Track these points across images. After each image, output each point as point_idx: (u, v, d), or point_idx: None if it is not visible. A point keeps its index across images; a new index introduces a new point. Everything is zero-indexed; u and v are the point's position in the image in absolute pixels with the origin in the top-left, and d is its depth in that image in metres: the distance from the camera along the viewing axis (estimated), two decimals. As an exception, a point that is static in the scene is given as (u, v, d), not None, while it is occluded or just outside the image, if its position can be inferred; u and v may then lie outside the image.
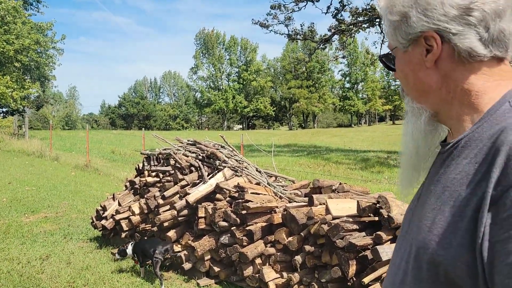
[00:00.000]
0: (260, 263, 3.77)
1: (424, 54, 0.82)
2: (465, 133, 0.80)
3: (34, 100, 34.82)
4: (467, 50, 0.78)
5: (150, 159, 5.65)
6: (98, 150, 19.55)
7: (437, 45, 0.80)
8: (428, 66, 0.82)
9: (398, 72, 0.90)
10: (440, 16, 0.78)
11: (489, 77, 0.80)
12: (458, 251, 0.70)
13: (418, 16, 0.80)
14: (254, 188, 4.27)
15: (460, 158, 0.77)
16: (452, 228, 0.72)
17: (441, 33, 0.79)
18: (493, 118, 0.76)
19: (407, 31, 0.83)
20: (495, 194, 0.66)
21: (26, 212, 7.46)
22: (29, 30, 23.95)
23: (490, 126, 0.75)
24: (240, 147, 9.88)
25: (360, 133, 41.75)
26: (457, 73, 0.81)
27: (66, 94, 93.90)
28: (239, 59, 75.75)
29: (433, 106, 0.86)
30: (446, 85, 0.82)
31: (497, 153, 0.69)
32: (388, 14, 0.86)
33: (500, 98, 0.78)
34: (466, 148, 0.77)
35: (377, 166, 13.72)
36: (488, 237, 0.66)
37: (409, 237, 0.85)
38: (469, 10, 0.77)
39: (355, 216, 3.29)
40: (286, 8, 19.37)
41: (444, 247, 0.72)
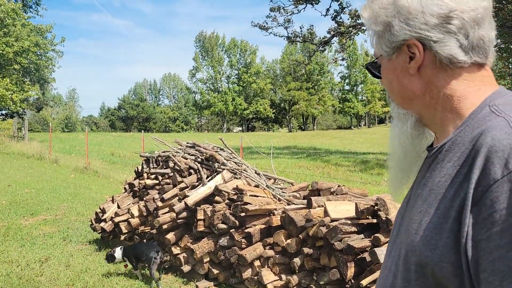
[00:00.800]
0: (259, 265, 3.78)
1: (407, 61, 0.85)
2: (448, 137, 0.82)
3: (33, 102, 34.81)
4: (447, 57, 0.81)
5: (149, 162, 5.66)
6: (98, 152, 19.55)
7: (420, 52, 0.83)
8: (411, 73, 0.85)
9: (383, 79, 0.93)
10: (421, 24, 0.81)
11: (470, 82, 0.83)
12: (444, 252, 0.72)
13: (401, 25, 0.83)
14: (253, 191, 4.28)
15: (445, 161, 0.80)
16: (438, 230, 0.74)
17: (422, 41, 0.82)
18: (474, 122, 0.78)
19: (391, 40, 0.86)
20: (476, 195, 0.68)
21: (26, 214, 7.47)
22: (28, 32, 23.97)
23: (471, 129, 0.77)
24: (239, 149, 9.89)
25: (360, 135, 41.77)
26: (439, 79, 0.83)
27: (66, 96, 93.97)
28: (239, 61, 75.80)
29: (418, 111, 0.89)
30: (429, 91, 0.85)
31: (476, 155, 0.71)
32: (372, 24, 0.89)
33: (480, 103, 0.81)
34: (449, 151, 0.80)
35: (377, 168, 13.73)
36: (472, 236, 0.68)
37: (399, 240, 0.87)
38: (449, 18, 0.79)
39: (353, 219, 3.30)
40: (285, 10, 19.40)
41: (430, 248, 0.74)
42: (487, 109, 0.78)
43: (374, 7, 0.88)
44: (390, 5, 0.84)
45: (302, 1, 18.50)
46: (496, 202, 0.66)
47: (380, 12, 0.86)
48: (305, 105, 69.78)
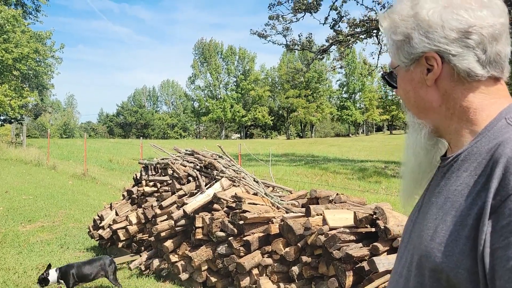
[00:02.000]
0: (257, 273, 3.77)
1: (425, 73, 0.87)
2: (464, 147, 0.85)
3: (32, 108, 34.81)
4: (465, 70, 0.83)
5: (148, 169, 5.66)
6: (96, 158, 19.51)
7: (438, 65, 0.85)
8: (428, 84, 0.87)
9: (399, 89, 0.95)
10: (440, 38, 0.83)
11: (486, 95, 0.85)
12: (460, 258, 0.74)
13: (420, 38, 0.85)
14: (252, 198, 4.28)
15: (460, 171, 0.82)
16: (454, 237, 0.76)
17: (441, 54, 0.84)
18: (491, 133, 0.81)
19: (410, 51, 0.87)
20: (494, 204, 0.71)
21: (23, 221, 7.44)
22: (28, 39, 24.03)
23: (488, 141, 0.80)
24: (238, 157, 9.89)
25: (358, 143, 41.80)
26: (457, 91, 0.85)
27: (64, 102, 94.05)
28: (237, 69, 76.04)
29: (433, 122, 0.90)
30: (446, 102, 0.87)
31: (495, 165, 0.73)
32: (392, 34, 0.91)
33: (497, 115, 0.83)
34: (465, 161, 0.82)
35: (375, 176, 13.73)
36: (489, 244, 0.70)
37: (410, 246, 0.89)
38: (468, 33, 0.82)
39: (352, 227, 3.30)
40: (284, 18, 19.50)
41: (446, 254, 0.76)
42: (503, 122, 0.81)
43: (394, 17, 0.90)
44: (410, 17, 0.87)
45: (300, 10, 18.60)
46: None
47: (400, 24, 0.88)
48: (303, 113, 69.93)
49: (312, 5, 18.33)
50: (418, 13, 0.86)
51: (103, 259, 4.39)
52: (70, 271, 4.19)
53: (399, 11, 0.89)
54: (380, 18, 0.95)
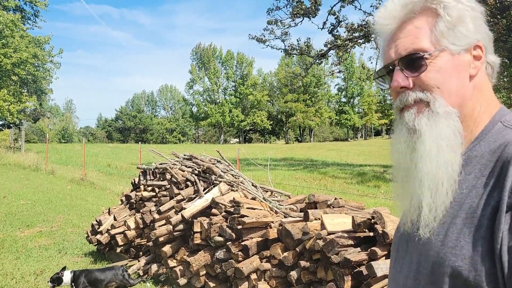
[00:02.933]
0: (255, 278, 3.76)
1: (472, 61, 0.86)
2: (464, 151, 0.84)
3: (30, 113, 34.77)
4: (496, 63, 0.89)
5: (146, 174, 5.65)
6: (94, 163, 19.49)
7: (483, 56, 0.87)
8: (473, 73, 0.86)
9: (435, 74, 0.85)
10: (486, 33, 0.88)
11: (490, 99, 0.89)
12: (477, 260, 0.73)
13: (476, 27, 0.86)
14: (250, 203, 4.28)
15: (463, 174, 0.81)
16: (469, 239, 0.75)
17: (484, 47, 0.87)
18: (489, 137, 0.82)
19: (467, 35, 0.85)
20: (510, 202, 0.71)
21: (21, 226, 7.42)
22: (26, 44, 24.05)
23: (488, 143, 0.81)
24: (236, 161, 9.89)
25: (357, 147, 41.85)
26: (486, 88, 0.88)
27: (63, 107, 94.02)
28: (235, 73, 76.18)
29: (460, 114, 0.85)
30: (473, 97, 0.86)
31: (507, 165, 0.74)
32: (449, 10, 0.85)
33: (490, 119, 0.85)
34: (467, 165, 0.82)
35: (374, 181, 13.74)
36: (507, 241, 0.70)
37: (414, 255, 0.87)
38: (491, 38, 0.88)
39: (350, 232, 3.30)
40: (282, 23, 19.57)
41: (461, 258, 0.75)
42: (499, 125, 0.83)
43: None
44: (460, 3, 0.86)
45: (299, 15, 18.67)
46: None
47: (459, 6, 0.86)
48: (302, 117, 70.03)
49: (310, 10, 18.40)
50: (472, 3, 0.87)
51: (116, 269, 4.47)
52: (82, 276, 4.29)
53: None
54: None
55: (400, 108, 0.90)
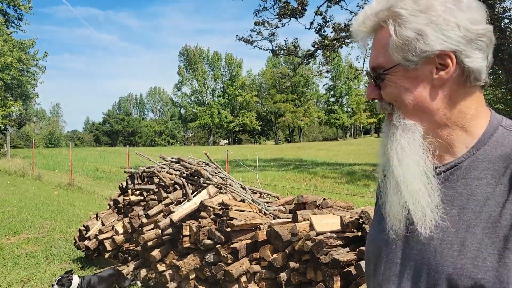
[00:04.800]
0: (245, 281, 3.74)
1: (434, 72, 0.82)
2: (463, 155, 0.82)
3: (16, 118, 34.29)
4: (475, 72, 0.81)
5: (134, 177, 5.60)
6: (82, 168, 19.28)
7: (452, 64, 0.80)
8: (435, 84, 0.82)
9: (392, 89, 0.86)
10: (458, 37, 0.79)
11: (480, 102, 0.85)
12: (502, 272, 0.70)
13: (436, 35, 0.79)
14: (239, 205, 4.27)
15: (470, 179, 0.79)
16: (491, 250, 0.72)
17: (456, 54, 0.80)
18: (493, 141, 0.79)
19: (423, 49, 0.80)
20: None
21: (7, 233, 7.30)
22: (11, 48, 23.71)
23: (494, 148, 0.78)
24: (225, 163, 9.86)
25: (346, 147, 42.08)
26: (458, 95, 0.83)
27: (50, 111, 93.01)
28: (224, 74, 76.15)
29: (425, 124, 0.84)
30: (445, 106, 0.83)
31: None
32: (398, 27, 0.83)
33: (488, 123, 0.82)
34: (473, 170, 0.79)
35: (363, 180, 13.82)
36: None
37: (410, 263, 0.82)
38: (481, 35, 0.80)
39: (338, 232, 3.30)
40: (270, 24, 19.60)
41: (484, 269, 0.72)
42: (501, 129, 0.81)
43: (398, 11, 0.82)
44: (421, 13, 0.80)
45: (286, 15, 18.72)
46: None
47: (410, 19, 0.81)
48: (291, 117, 70.26)
49: (297, 10, 18.46)
50: (430, 8, 0.80)
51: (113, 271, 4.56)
52: (89, 281, 4.33)
53: (404, 5, 0.82)
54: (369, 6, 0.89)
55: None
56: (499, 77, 15.79)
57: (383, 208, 0.90)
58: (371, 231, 1.02)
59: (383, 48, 0.86)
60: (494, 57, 10.85)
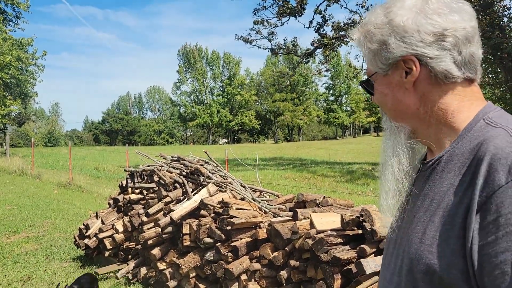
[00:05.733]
0: (245, 279, 3.75)
1: (403, 76, 0.88)
2: (445, 149, 0.86)
3: (15, 117, 34.26)
4: (443, 72, 0.85)
5: (133, 176, 5.60)
6: (81, 167, 19.28)
7: (416, 68, 0.86)
8: (407, 87, 0.88)
9: (376, 94, 0.96)
10: (417, 42, 0.85)
11: (463, 97, 0.87)
12: (451, 258, 0.74)
13: (397, 43, 0.86)
14: (239, 204, 4.27)
15: (445, 172, 0.83)
16: (444, 237, 0.76)
17: (419, 57, 0.85)
18: (471, 134, 0.82)
19: (387, 56, 0.89)
20: (480, 201, 0.72)
21: (7, 232, 7.29)
22: (9, 46, 23.66)
23: (469, 141, 0.81)
24: (225, 162, 9.87)
25: (345, 145, 42.09)
26: (434, 93, 0.87)
27: (49, 110, 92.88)
28: (222, 73, 76.08)
29: (411, 125, 0.91)
30: (424, 105, 0.88)
31: (480, 163, 0.74)
32: (367, 43, 0.92)
33: (474, 116, 0.85)
34: (449, 163, 0.83)
35: (363, 178, 13.83)
36: (477, 241, 0.71)
37: (399, 251, 0.89)
38: (443, 36, 0.84)
39: (339, 230, 3.31)
40: (269, 23, 19.58)
41: (437, 256, 0.76)
42: (481, 122, 0.83)
43: (368, 27, 0.91)
44: (385, 25, 0.88)
45: (285, 14, 18.71)
46: (501, 207, 0.69)
47: (376, 32, 0.90)
48: (290, 116, 70.19)
49: (296, 9, 18.45)
50: (393, 19, 0.87)
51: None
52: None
53: (373, 21, 0.91)
54: (351, 33, 0.98)
55: None
56: (498, 75, 15.79)
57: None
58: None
59: (366, 58, 0.95)
60: (493, 56, 10.82)
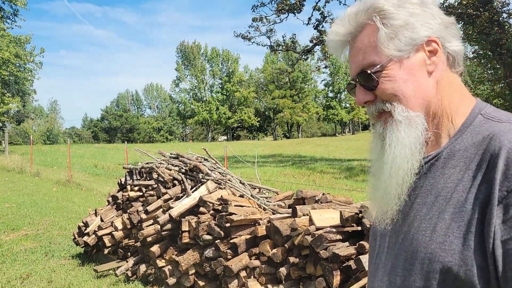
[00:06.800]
0: (245, 276, 3.75)
1: (426, 58, 0.86)
2: (444, 145, 0.84)
3: (14, 115, 34.20)
4: (457, 56, 0.87)
5: (132, 173, 5.59)
6: (80, 164, 19.26)
7: (440, 49, 0.86)
8: (430, 69, 0.86)
9: (390, 84, 0.87)
10: (437, 25, 0.86)
11: (462, 91, 0.88)
12: (467, 255, 0.73)
13: (421, 23, 0.85)
14: (238, 201, 4.26)
15: (446, 168, 0.81)
16: (458, 233, 0.74)
17: (440, 40, 0.86)
18: (471, 129, 0.82)
19: (412, 37, 0.85)
20: (501, 195, 0.71)
21: (6, 230, 7.29)
22: (7, 43, 23.57)
23: (470, 136, 0.80)
24: (224, 159, 9.86)
25: (344, 142, 42.07)
26: (445, 81, 0.87)
27: (47, 108, 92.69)
28: (221, 71, 75.92)
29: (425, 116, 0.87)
30: (437, 92, 0.87)
31: (496, 158, 0.73)
32: (385, 20, 0.86)
33: (470, 112, 0.85)
34: (451, 158, 0.81)
35: (362, 175, 13.83)
36: (499, 235, 0.70)
37: (400, 250, 0.86)
38: (452, 24, 0.87)
39: (338, 226, 3.30)
40: (268, 20, 19.54)
41: (451, 253, 0.74)
42: (480, 117, 0.83)
43: (384, 7, 0.87)
44: (400, 8, 0.86)
45: (284, 11, 18.66)
46: None
47: (395, 11, 0.86)
48: (290, 113, 70.12)
49: (295, 6, 18.40)
50: (406, 3, 0.86)
51: None
52: None
53: (385, 2, 0.87)
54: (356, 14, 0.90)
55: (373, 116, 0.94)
56: (497, 71, 15.78)
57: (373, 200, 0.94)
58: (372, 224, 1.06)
59: (371, 46, 0.87)
60: (493, 52, 10.77)
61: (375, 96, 0.90)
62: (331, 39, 0.94)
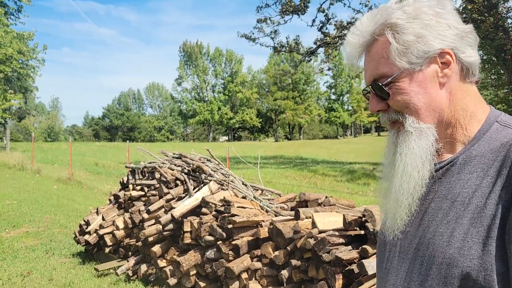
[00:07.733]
0: (246, 278, 3.74)
1: (439, 70, 0.86)
2: (459, 151, 0.85)
3: (16, 111, 34.26)
4: (472, 66, 0.87)
5: (134, 173, 5.59)
6: (81, 162, 19.27)
7: (454, 61, 0.85)
8: (443, 81, 0.86)
9: (401, 96, 0.87)
10: (451, 35, 0.85)
11: (477, 99, 0.88)
12: (487, 260, 0.73)
13: (433, 35, 0.85)
14: (240, 202, 4.25)
15: (463, 173, 0.82)
16: (476, 239, 0.75)
17: (454, 51, 0.85)
18: (487, 136, 0.82)
19: (425, 49, 0.85)
20: None
21: (7, 227, 7.29)
22: (11, 39, 23.61)
23: (487, 143, 0.81)
24: (226, 160, 9.85)
25: (346, 145, 42.06)
26: (459, 92, 0.87)
27: (49, 105, 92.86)
28: (224, 71, 75.92)
29: (436, 126, 0.88)
30: (451, 103, 0.86)
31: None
32: (397, 36, 0.86)
33: (485, 119, 0.86)
34: (467, 164, 0.82)
35: (363, 178, 13.81)
36: None
37: (416, 256, 0.85)
38: (468, 33, 0.86)
39: (341, 230, 3.29)
40: (272, 21, 19.55)
41: (469, 258, 0.74)
42: (496, 125, 0.84)
43: (396, 22, 0.86)
44: (414, 19, 0.86)
45: (288, 12, 18.67)
46: None
47: (407, 25, 0.86)
48: (292, 115, 70.12)
49: (299, 7, 18.41)
50: (421, 14, 0.86)
51: None
52: None
53: (398, 16, 0.86)
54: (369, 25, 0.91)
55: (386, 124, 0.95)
56: (501, 77, 15.76)
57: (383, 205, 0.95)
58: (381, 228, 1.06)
59: (383, 58, 0.88)
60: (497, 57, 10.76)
61: (388, 106, 0.91)
62: (347, 51, 0.95)
